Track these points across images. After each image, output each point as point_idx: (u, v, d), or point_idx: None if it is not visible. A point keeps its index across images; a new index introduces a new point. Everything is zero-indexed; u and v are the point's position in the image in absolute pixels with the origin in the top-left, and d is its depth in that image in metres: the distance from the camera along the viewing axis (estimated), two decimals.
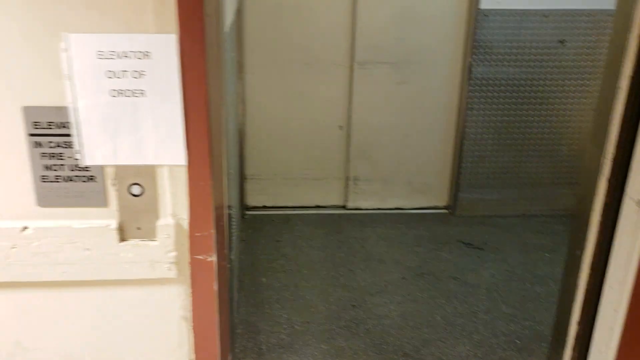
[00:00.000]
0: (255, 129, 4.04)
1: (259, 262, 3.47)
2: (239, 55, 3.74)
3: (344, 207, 4.27)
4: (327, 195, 4.26)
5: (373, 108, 3.97)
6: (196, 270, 1.38)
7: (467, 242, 3.76)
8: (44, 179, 1.30)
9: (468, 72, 3.77)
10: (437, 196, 4.23)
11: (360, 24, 3.77)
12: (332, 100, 4.00)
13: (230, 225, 1.73)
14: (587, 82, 3.80)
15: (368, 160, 4.13)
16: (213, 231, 1.37)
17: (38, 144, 1.27)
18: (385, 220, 4.09)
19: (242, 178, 4.05)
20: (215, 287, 1.39)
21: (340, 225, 4.01)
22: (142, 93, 1.25)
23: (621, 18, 1.67)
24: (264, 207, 4.24)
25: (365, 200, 4.23)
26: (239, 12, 3.68)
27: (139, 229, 1.34)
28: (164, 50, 1.22)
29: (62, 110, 1.25)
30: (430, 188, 4.21)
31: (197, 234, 1.36)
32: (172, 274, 1.36)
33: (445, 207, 4.23)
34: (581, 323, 1.92)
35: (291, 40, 3.84)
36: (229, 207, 1.76)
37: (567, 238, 2.00)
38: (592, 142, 1.87)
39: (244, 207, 4.18)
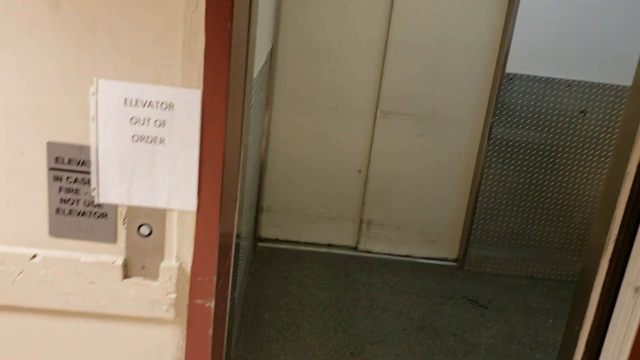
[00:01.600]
0: (276, 163, 4.11)
1: (264, 297, 3.51)
2: (267, 91, 3.82)
3: (355, 248, 4.30)
4: (340, 235, 4.29)
5: (392, 156, 4.02)
6: (193, 314, 1.42)
7: (472, 299, 3.76)
8: (58, 211, 1.35)
9: (489, 131, 3.81)
10: (447, 248, 4.25)
11: (388, 75, 3.85)
12: (353, 145, 4.07)
13: (237, 260, 1.78)
14: (605, 154, 3.82)
15: (383, 206, 4.17)
16: (214, 277, 1.41)
17: (57, 178, 1.33)
18: (394, 266, 4.11)
19: (258, 209, 4.10)
20: (211, 332, 1.43)
21: (349, 267, 4.03)
22: (161, 141, 1.30)
23: (631, 109, 1.70)
24: (277, 240, 4.28)
25: (376, 244, 4.26)
26: (272, 52, 3.77)
27: (143, 268, 1.39)
28: (188, 103, 1.28)
29: (84, 148, 1.31)
30: (441, 239, 4.23)
31: (198, 279, 1.40)
32: (170, 315, 1.40)
33: (454, 260, 4.24)
34: None
35: (320, 84, 3.92)
36: (239, 236, 1.80)
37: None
38: (599, 220, 1.89)
39: (257, 238, 4.23)
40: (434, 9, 3.76)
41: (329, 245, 4.31)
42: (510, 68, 3.69)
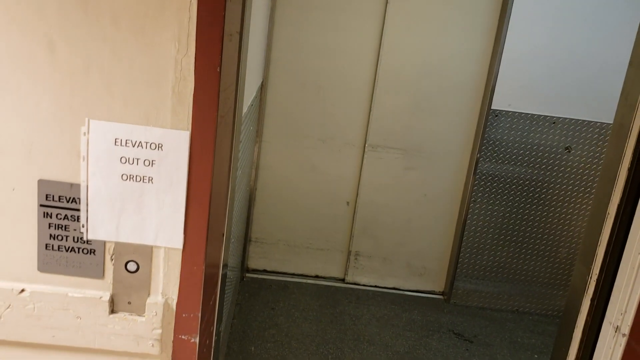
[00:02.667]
0: (265, 194, 4.14)
1: (250, 329, 3.51)
2: (257, 123, 3.86)
3: (342, 280, 4.31)
4: (328, 266, 4.31)
5: (380, 189, 4.07)
6: (178, 349, 1.44)
7: (457, 333, 3.78)
8: (47, 246, 1.38)
9: (474, 166, 3.86)
10: (434, 281, 4.27)
11: (376, 110, 3.91)
12: (342, 177, 4.11)
13: (223, 294, 1.80)
14: (590, 190, 3.88)
15: (371, 238, 4.20)
16: (199, 313, 1.43)
17: (47, 215, 1.36)
18: (381, 299, 4.12)
19: (246, 240, 4.11)
20: None
21: (336, 299, 4.04)
22: (150, 180, 1.34)
23: (612, 152, 1.76)
24: (264, 271, 4.29)
25: (363, 276, 4.27)
26: (263, 86, 3.83)
27: (129, 303, 1.41)
28: (177, 144, 1.32)
29: (74, 186, 1.34)
30: (428, 272, 4.25)
31: (183, 315, 1.43)
32: (155, 350, 1.42)
33: (440, 293, 4.26)
34: None
35: (309, 117, 3.98)
36: (226, 266, 1.83)
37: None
38: (581, 259, 1.93)
39: (245, 269, 4.24)
40: (422, 46, 3.84)
41: (317, 277, 4.32)
42: (496, 105, 3.76)
